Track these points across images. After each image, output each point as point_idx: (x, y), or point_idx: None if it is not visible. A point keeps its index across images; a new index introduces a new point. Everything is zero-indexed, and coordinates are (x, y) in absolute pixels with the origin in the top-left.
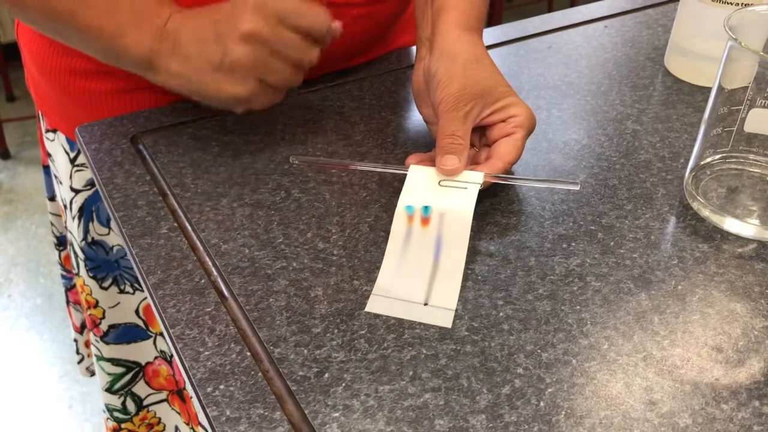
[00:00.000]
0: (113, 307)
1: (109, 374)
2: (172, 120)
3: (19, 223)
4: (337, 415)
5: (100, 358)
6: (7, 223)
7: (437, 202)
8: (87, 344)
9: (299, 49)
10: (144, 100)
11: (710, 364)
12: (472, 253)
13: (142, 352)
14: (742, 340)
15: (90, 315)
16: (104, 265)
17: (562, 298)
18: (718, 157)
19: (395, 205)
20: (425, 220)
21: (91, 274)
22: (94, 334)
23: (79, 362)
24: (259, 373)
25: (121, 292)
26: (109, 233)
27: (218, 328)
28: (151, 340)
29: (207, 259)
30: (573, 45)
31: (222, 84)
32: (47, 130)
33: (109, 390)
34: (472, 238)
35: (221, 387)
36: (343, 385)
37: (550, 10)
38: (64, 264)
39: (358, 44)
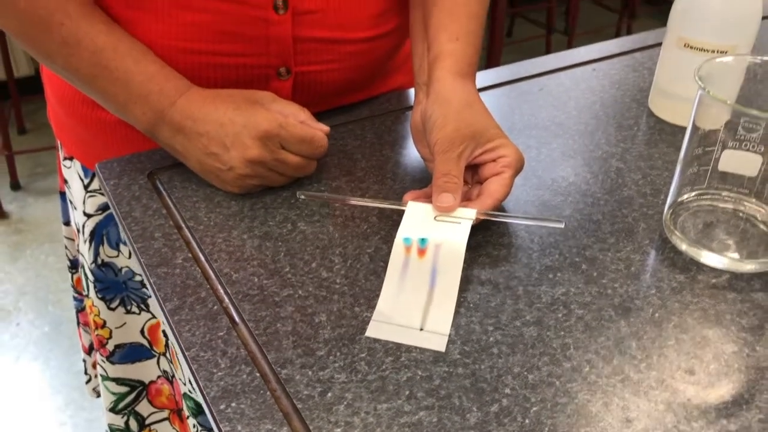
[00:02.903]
0: (120, 327)
1: (113, 393)
2: None
3: (29, 253)
4: (339, 431)
5: (105, 378)
6: (17, 253)
7: (433, 235)
8: (94, 365)
9: (297, 168)
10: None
11: (683, 385)
12: (465, 283)
13: (146, 371)
14: (713, 364)
15: (97, 335)
16: (113, 287)
17: (548, 325)
18: (694, 194)
19: (394, 237)
20: (422, 252)
21: (99, 296)
22: (101, 355)
23: (87, 382)
24: (268, 392)
25: (128, 312)
26: (118, 255)
27: (230, 351)
28: (155, 360)
29: (219, 287)
30: (563, 87)
31: (221, 183)
32: (65, 158)
33: (112, 410)
34: (465, 268)
35: (233, 404)
36: (345, 403)
37: (547, 45)
38: (77, 286)
39: (355, 79)
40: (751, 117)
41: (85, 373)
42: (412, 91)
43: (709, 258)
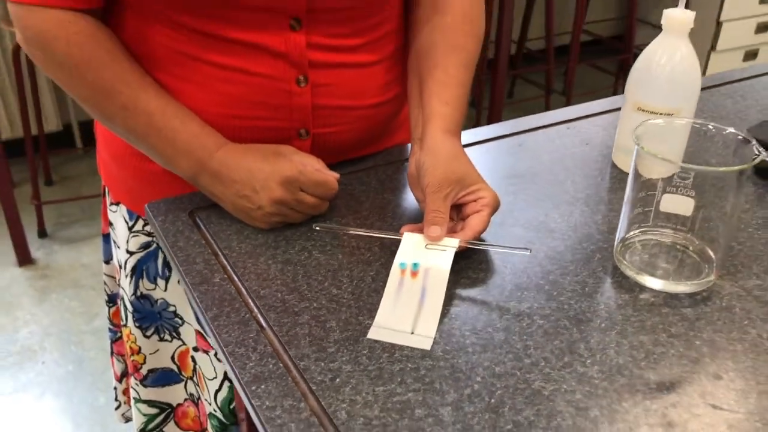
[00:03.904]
0: (153, 353)
1: (144, 415)
2: None
3: (54, 297)
4: (345, 405)
5: (138, 400)
6: (43, 296)
7: (424, 260)
8: (125, 392)
9: (313, 207)
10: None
11: (618, 376)
12: (449, 298)
13: (174, 394)
14: (644, 361)
15: (133, 360)
16: (149, 316)
17: (514, 331)
18: (640, 230)
19: (392, 263)
20: (414, 273)
21: (137, 324)
22: (135, 378)
23: (116, 408)
24: (289, 378)
25: (161, 339)
26: (155, 288)
27: (259, 348)
28: (182, 384)
29: (249, 300)
30: (540, 143)
31: (251, 221)
32: (111, 203)
33: (143, 431)
34: (449, 287)
35: (262, 387)
36: (350, 386)
37: (547, 105)
38: (113, 319)
39: (363, 138)
40: (682, 168)
41: (116, 399)
42: (408, 146)
43: (649, 281)
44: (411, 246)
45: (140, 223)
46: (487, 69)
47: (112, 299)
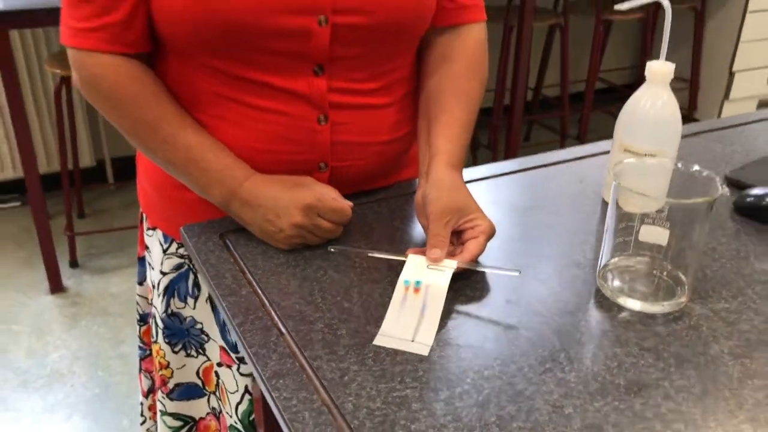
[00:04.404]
0: (180, 368)
1: (169, 427)
2: None
3: (83, 323)
4: (351, 398)
5: (163, 413)
6: (73, 323)
7: (425, 278)
8: (150, 408)
9: (329, 231)
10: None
11: (592, 381)
12: (447, 312)
13: (197, 408)
14: (616, 369)
15: (161, 374)
16: (178, 333)
17: (502, 341)
18: (620, 257)
19: (397, 282)
20: (417, 290)
21: (166, 340)
22: (162, 392)
23: (142, 423)
24: (304, 375)
25: (188, 355)
26: (184, 307)
27: (278, 350)
28: (205, 398)
29: (271, 310)
30: (539, 180)
31: (275, 242)
32: (148, 228)
33: None
34: (447, 303)
35: (281, 381)
36: (356, 383)
37: (562, 148)
38: (143, 337)
39: (376, 172)
40: (656, 203)
41: (141, 414)
42: (416, 180)
43: (627, 302)
44: (415, 266)
45: (174, 246)
46: (504, 114)
47: (143, 319)
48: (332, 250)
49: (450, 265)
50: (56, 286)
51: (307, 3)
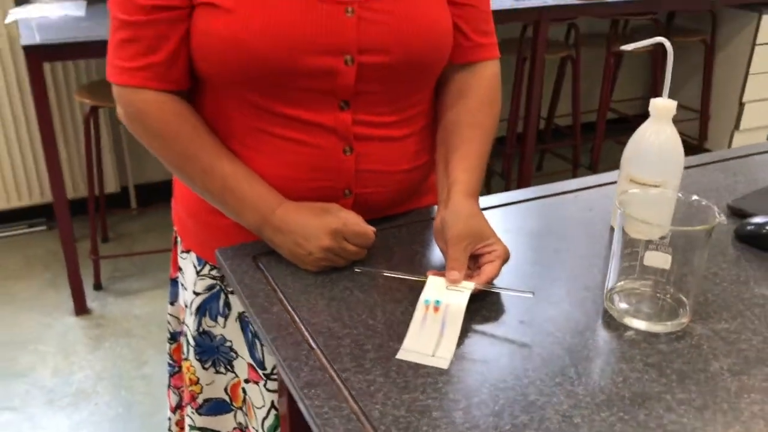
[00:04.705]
0: (209, 384)
1: None
2: None
3: (107, 345)
4: (378, 407)
5: (192, 427)
6: (97, 344)
7: (445, 298)
8: (178, 423)
9: (354, 254)
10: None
11: (599, 394)
12: (465, 331)
13: (225, 423)
14: (621, 383)
15: (191, 390)
16: (208, 350)
17: (516, 357)
18: (626, 281)
19: (418, 301)
20: (436, 308)
21: (197, 357)
22: (191, 407)
23: None
24: (334, 386)
25: (217, 372)
26: (215, 326)
27: (310, 362)
28: (232, 414)
29: (302, 327)
30: (550, 208)
31: (304, 265)
32: (182, 251)
33: None
34: (465, 323)
35: (313, 391)
36: (382, 393)
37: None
38: (172, 355)
39: (396, 199)
40: (660, 230)
41: (169, 430)
42: (434, 207)
43: (632, 322)
44: (434, 286)
45: (207, 268)
46: (517, 143)
47: (174, 337)
48: (358, 270)
49: (468, 287)
50: (81, 308)
51: (335, 45)
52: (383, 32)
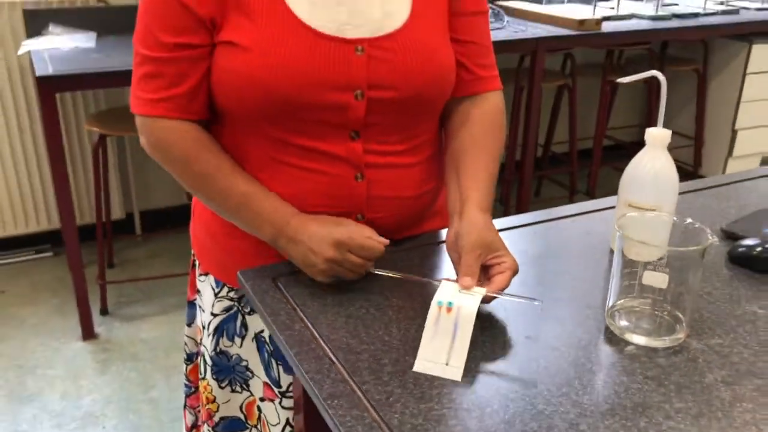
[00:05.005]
0: (225, 402)
1: None
2: (296, 269)
3: (114, 368)
4: (396, 416)
5: None
6: (104, 368)
7: (456, 300)
8: None
9: (359, 266)
10: (274, 254)
11: (603, 403)
12: (477, 347)
13: None
14: (623, 394)
15: (207, 409)
16: (224, 370)
17: (524, 369)
18: (626, 299)
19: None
20: (449, 309)
21: (214, 377)
22: (208, 425)
23: None
24: (355, 397)
25: (233, 391)
26: (231, 346)
27: (331, 375)
28: None
29: (322, 343)
30: (551, 232)
31: (313, 274)
32: (200, 274)
33: None
34: (478, 341)
35: (336, 401)
36: (400, 403)
37: (571, 203)
38: (189, 375)
39: (404, 222)
40: (658, 251)
41: None
42: (444, 231)
43: (632, 338)
44: (447, 290)
45: (225, 290)
46: (515, 170)
47: (190, 358)
48: (373, 271)
49: (479, 291)
50: (88, 333)
51: (346, 81)
52: (391, 70)
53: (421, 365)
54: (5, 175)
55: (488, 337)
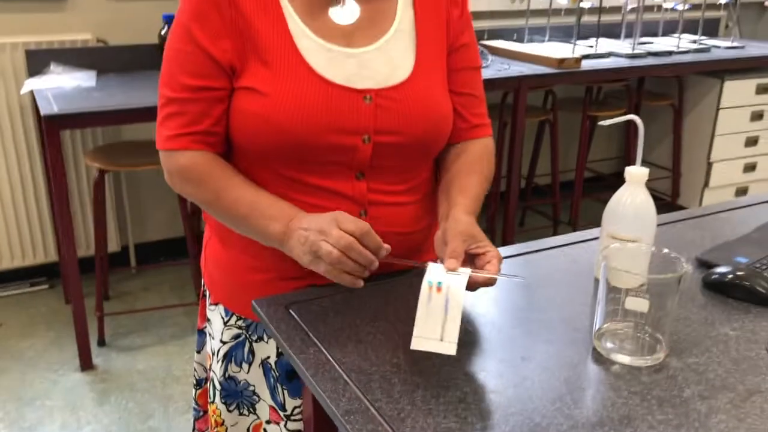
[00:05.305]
0: (233, 425)
1: None
2: (307, 297)
3: (112, 399)
4: (408, 429)
5: None
6: (103, 398)
7: (445, 280)
8: None
9: (365, 258)
10: (282, 286)
11: (592, 416)
12: (476, 369)
13: None
14: (610, 407)
15: (216, 431)
16: (232, 394)
17: (519, 387)
18: (611, 323)
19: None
20: (439, 289)
21: (223, 401)
22: None
23: None
24: (369, 413)
25: (241, 414)
26: (240, 371)
27: (346, 394)
28: None
29: (335, 365)
30: (540, 262)
31: (321, 255)
32: (211, 304)
33: None
34: (475, 362)
35: (352, 417)
36: (411, 418)
37: (554, 234)
38: (198, 400)
39: (402, 255)
40: (638, 278)
41: None
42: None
43: (618, 357)
44: (435, 271)
45: (234, 318)
46: (500, 200)
47: (199, 383)
48: (384, 254)
49: (465, 272)
50: (86, 364)
51: (355, 127)
52: (395, 117)
53: (417, 343)
54: (3, 210)
55: (487, 358)
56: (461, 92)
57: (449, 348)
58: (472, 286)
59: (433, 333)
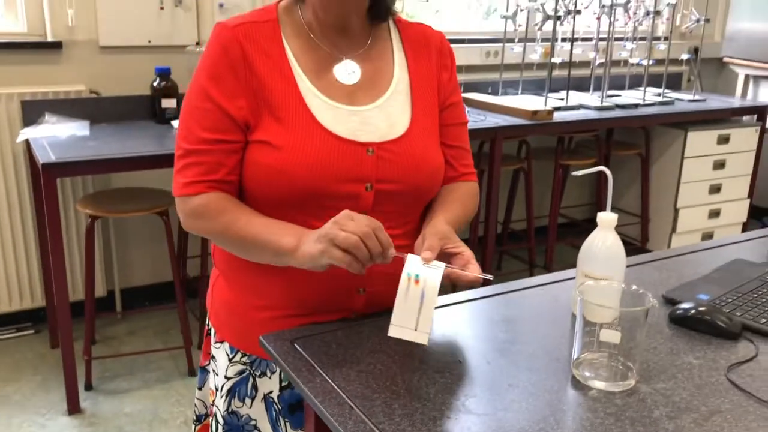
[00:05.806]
0: None
1: None
2: (310, 333)
3: None
4: None
5: None
6: None
7: (422, 273)
8: None
9: (355, 228)
10: (287, 323)
11: None
12: (466, 396)
13: None
14: (589, 427)
15: None
16: (235, 429)
17: (508, 410)
18: (587, 353)
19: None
20: (416, 281)
21: None
22: None
23: None
24: None
25: None
26: (242, 406)
27: (352, 417)
28: None
29: (341, 392)
30: (521, 300)
31: (336, 240)
32: (216, 342)
33: None
34: (465, 392)
35: None
36: None
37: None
38: None
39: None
40: (611, 311)
41: None
42: None
43: (594, 384)
44: (413, 264)
45: (239, 355)
46: (478, 245)
47: (199, 419)
48: (392, 254)
49: (440, 266)
50: (74, 408)
51: (359, 176)
52: (395, 167)
53: (394, 330)
54: None
55: (478, 385)
56: (451, 145)
57: (422, 338)
58: (458, 283)
59: (408, 323)
